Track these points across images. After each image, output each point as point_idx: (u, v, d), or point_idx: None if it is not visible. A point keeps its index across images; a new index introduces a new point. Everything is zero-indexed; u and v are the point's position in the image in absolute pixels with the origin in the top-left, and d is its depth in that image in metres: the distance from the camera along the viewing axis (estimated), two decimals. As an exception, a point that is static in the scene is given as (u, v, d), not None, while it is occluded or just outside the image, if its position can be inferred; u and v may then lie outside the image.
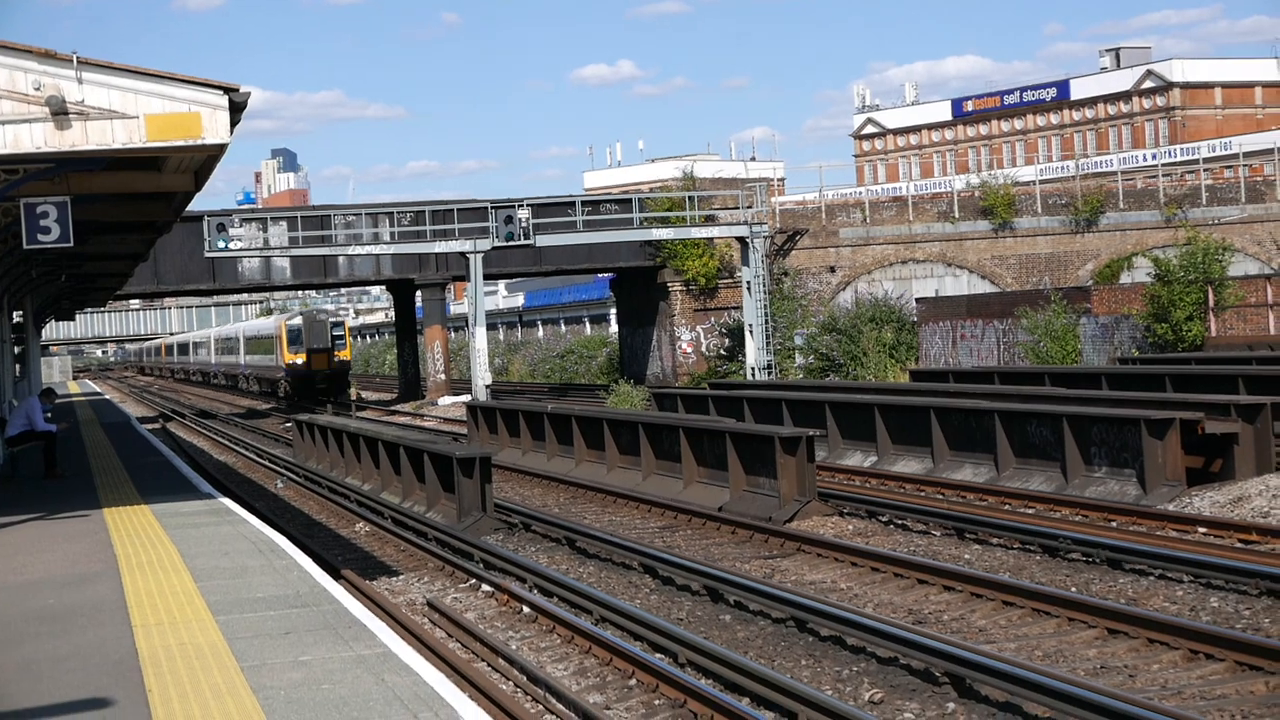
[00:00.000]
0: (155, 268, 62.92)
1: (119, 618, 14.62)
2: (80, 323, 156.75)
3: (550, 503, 32.05)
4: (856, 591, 19.94)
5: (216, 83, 17.83)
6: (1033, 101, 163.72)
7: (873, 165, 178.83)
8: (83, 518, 22.93)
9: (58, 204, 19.49)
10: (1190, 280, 47.92)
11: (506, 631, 18.55)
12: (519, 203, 58.79)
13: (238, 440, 56.26)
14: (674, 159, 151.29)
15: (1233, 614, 17.15)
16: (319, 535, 28.80)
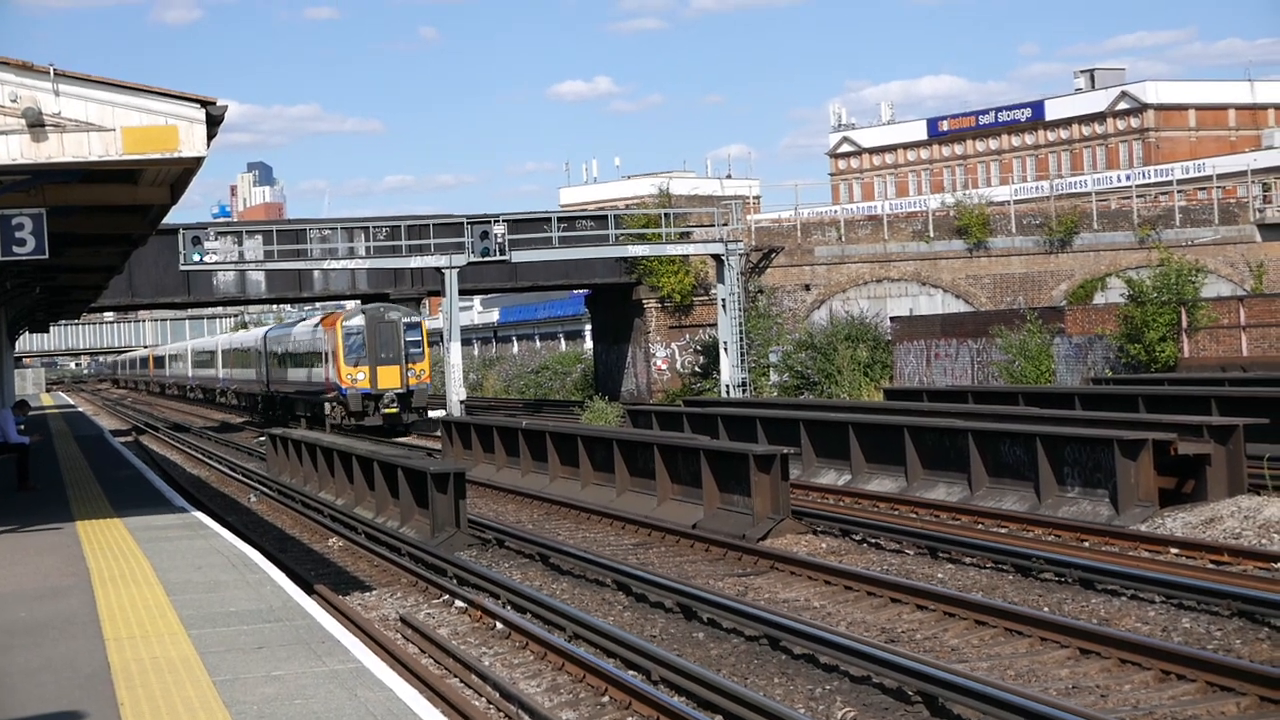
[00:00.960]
0: (130, 280, 62.71)
1: (91, 631, 14.58)
2: (54, 335, 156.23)
3: (524, 519, 32.03)
4: (830, 610, 19.95)
5: (193, 96, 17.81)
6: (1008, 122, 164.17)
7: (848, 184, 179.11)
8: (55, 531, 22.85)
9: (33, 216, 19.42)
10: (1163, 301, 48.06)
11: (480, 648, 18.53)
12: (495, 218, 58.80)
13: (211, 454, 56.12)
14: (650, 176, 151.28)
15: (1204, 635, 17.21)
16: (292, 550, 28.74)
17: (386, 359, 60.78)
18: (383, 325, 61.20)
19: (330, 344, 62.40)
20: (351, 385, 60.55)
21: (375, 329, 60.94)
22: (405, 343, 61.17)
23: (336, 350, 61.31)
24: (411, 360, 61.22)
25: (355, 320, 61.59)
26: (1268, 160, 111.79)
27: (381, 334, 60.96)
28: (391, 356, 60.83)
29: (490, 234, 57.61)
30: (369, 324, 61.00)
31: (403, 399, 60.79)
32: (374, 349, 60.80)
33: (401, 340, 61.07)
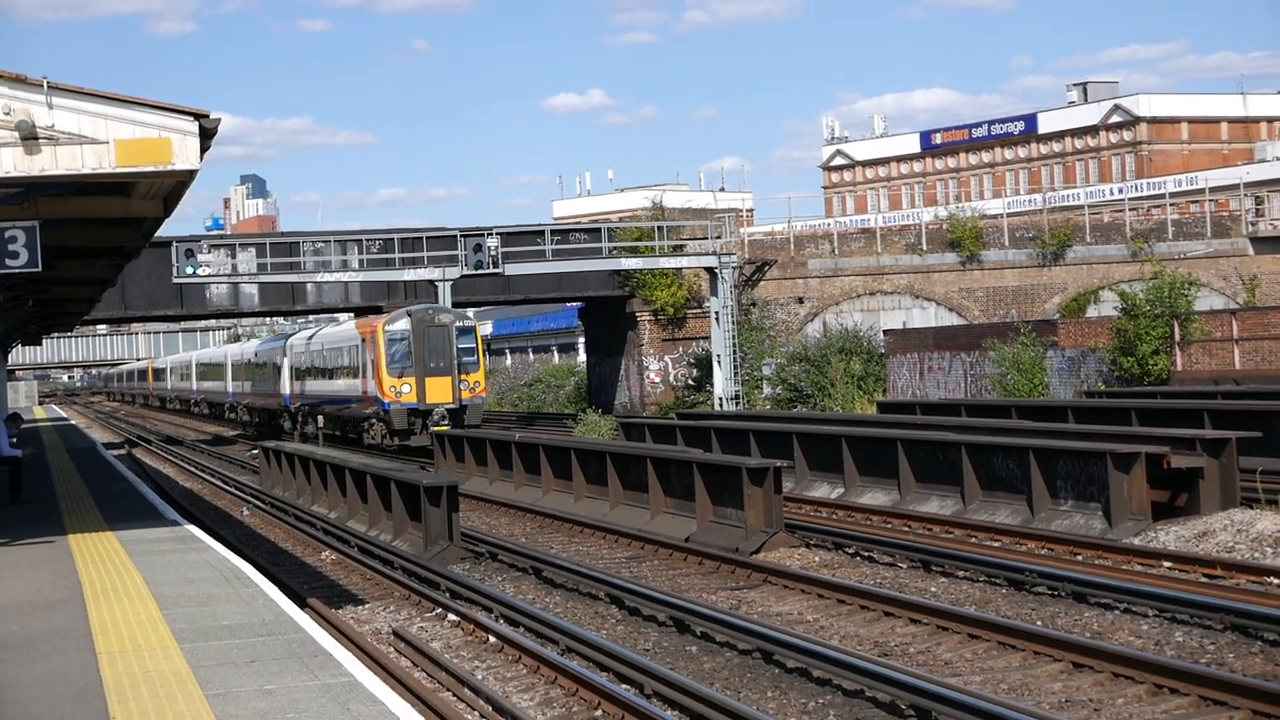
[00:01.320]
0: (123, 293, 62.72)
1: (83, 645, 14.55)
2: (47, 347, 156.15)
3: (517, 532, 32.01)
4: (823, 623, 19.95)
5: (187, 109, 17.82)
6: (1001, 135, 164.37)
7: (841, 197, 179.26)
8: (48, 544, 22.81)
9: (26, 228, 19.42)
10: (1156, 314, 48.14)
11: (472, 661, 18.51)
12: (488, 231, 58.91)
13: (204, 467, 56.06)
14: (643, 189, 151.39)
15: (1198, 648, 17.21)
16: (285, 563, 28.70)
17: (436, 369, 52.98)
18: (432, 330, 53.18)
19: (369, 352, 55.08)
20: (395, 400, 52.65)
21: (423, 334, 53.14)
22: (458, 350, 53.50)
23: (378, 359, 53.68)
24: (465, 370, 53.43)
25: (400, 324, 53.48)
26: (1260, 173, 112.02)
27: (430, 339, 53.18)
28: (442, 366, 52.99)
29: (484, 247, 57.73)
30: (416, 328, 53.05)
31: (455, 415, 52.91)
32: (422, 357, 52.97)
33: (453, 347, 53.30)
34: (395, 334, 53.40)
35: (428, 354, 52.92)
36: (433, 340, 53.11)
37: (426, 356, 52.84)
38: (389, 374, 52.98)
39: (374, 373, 53.95)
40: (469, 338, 54.16)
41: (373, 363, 54.26)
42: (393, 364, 53.10)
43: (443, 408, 52.47)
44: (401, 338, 53.34)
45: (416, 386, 52.65)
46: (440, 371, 52.73)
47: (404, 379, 52.89)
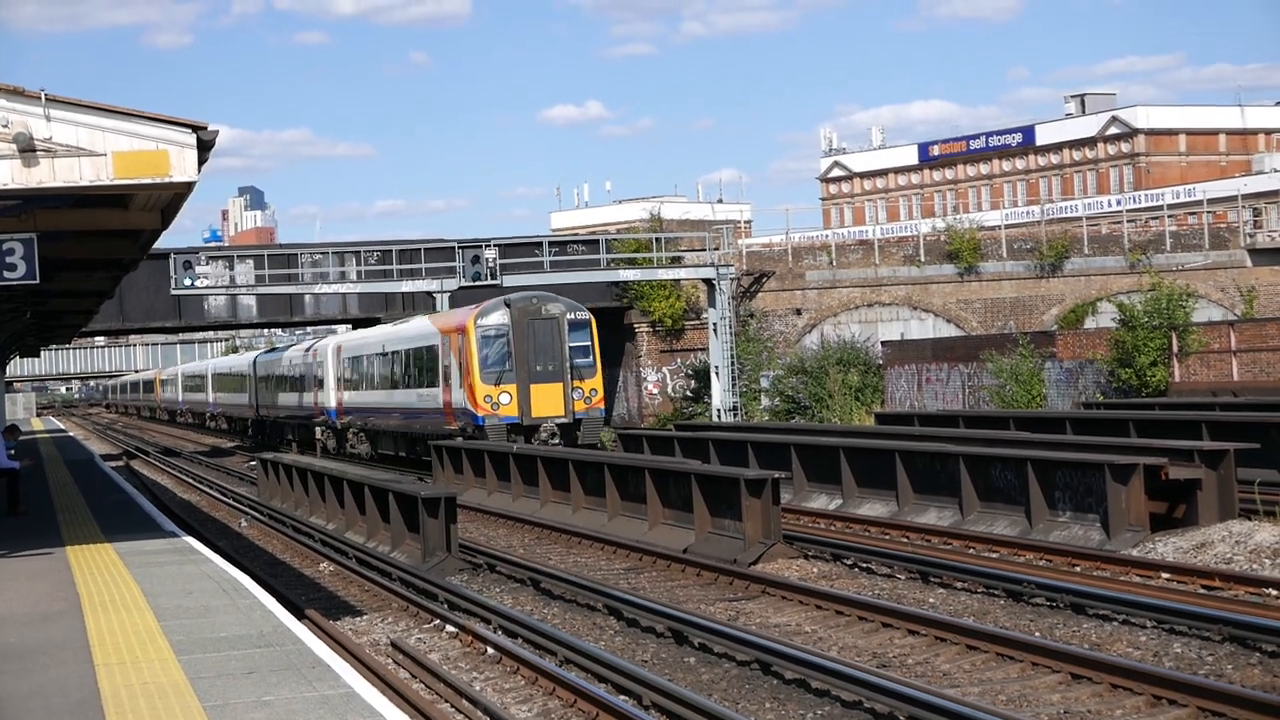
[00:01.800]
0: (121, 305, 62.70)
1: (81, 656, 14.54)
2: (45, 359, 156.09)
3: (515, 543, 32.00)
4: (821, 635, 19.94)
5: (184, 121, 17.83)
6: (998, 146, 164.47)
7: (839, 208, 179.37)
8: (45, 556, 22.80)
9: (24, 241, 19.43)
10: (1154, 326, 48.16)
11: (471, 672, 18.51)
12: (486, 243, 58.89)
13: (202, 478, 56.04)
14: (641, 200, 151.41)
15: (1196, 660, 17.20)
16: (283, 575, 28.70)
17: (545, 373, 43.93)
18: (537, 324, 44.29)
19: (453, 354, 46.16)
20: (490, 412, 43.48)
21: (526, 329, 44.18)
22: (570, 349, 44.49)
23: (467, 362, 44.47)
24: (579, 375, 44.28)
25: (496, 317, 44.71)
26: (1258, 185, 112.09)
27: (536, 336, 44.17)
28: (552, 369, 44.05)
29: (481, 258, 57.70)
30: (517, 322, 44.22)
31: (567, 432, 44.28)
32: (525, 359, 43.89)
33: (565, 345, 44.29)
34: (491, 330, 44.49)
35: (533, 355, 44.01)
36: (539, 337, 44.20)
37: (532, 358, 43.99)
38: (483, 380, 43.93)
39: (461, 379, 44.91)
40: (583, 333, 45.08)
41: (459, 367, 45.16)
42: (488, 368, 44.04)
43: (552, 422, 44.03)
44: (498, 334, 44.42)
45: (519, 396, 43.78)
46: (549, 376, 43.86)
47: (502, 386, 43.81)
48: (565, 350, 44.33)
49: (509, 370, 44.08)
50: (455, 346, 45.83)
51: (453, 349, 46.16)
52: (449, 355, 46.46)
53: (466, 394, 44.68)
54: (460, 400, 45.48)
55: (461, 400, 45.26)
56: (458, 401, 45.79)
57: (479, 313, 44.97)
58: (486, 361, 44.15)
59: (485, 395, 43.82)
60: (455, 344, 45.85)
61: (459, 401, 45.68)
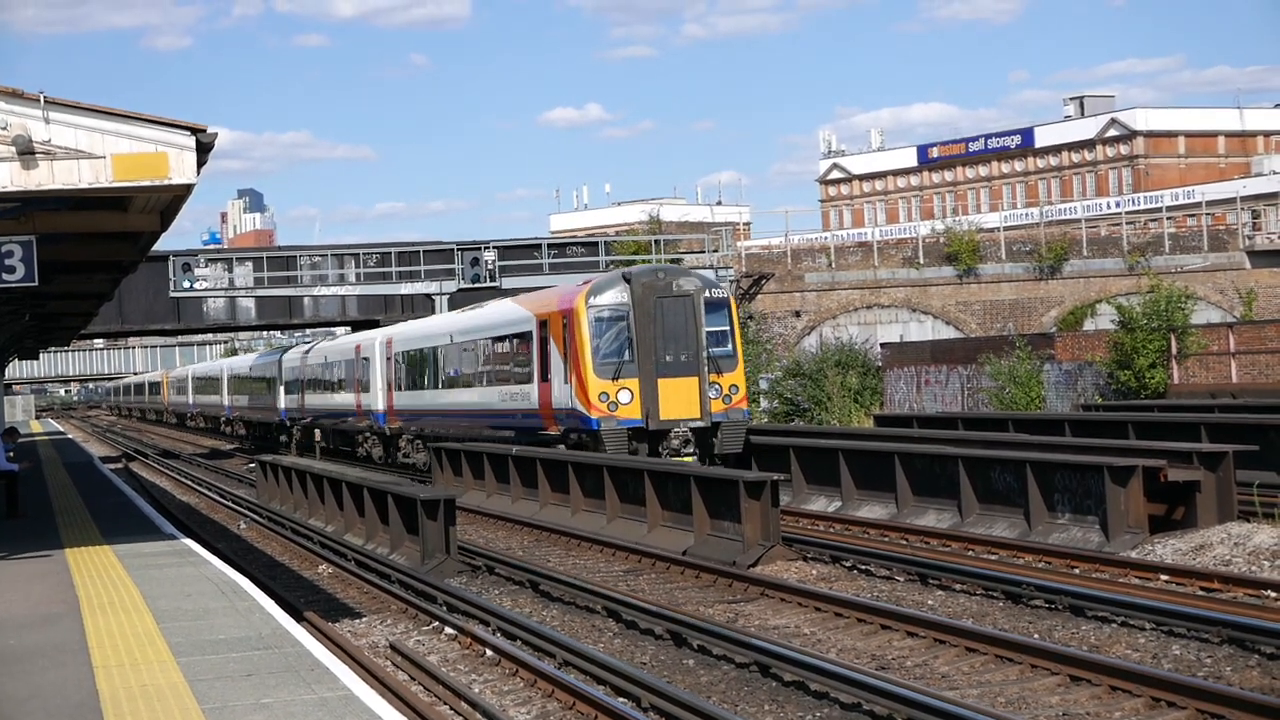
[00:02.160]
0: (120, 307, 62.73)
1: (80, 659, 14.54)
2: (44, 361, 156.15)
3: (514, 546, 31.99)
4: (820, 637, 19.94)
5: (183, 123, 17.84)
6: (998, 148, 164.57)
7: (838, 210, 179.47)
8: (45, 558, 22.81)
9: (23, 243, 19.43)
10: (1153, 328, 48.21)
11: (469, 675, 18.50)
12: (485, 245, 58.99)
13: (200, 480, 56.04)
14: (640, 202, 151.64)
15: (1195, 662, 17.20)
16: (282, 577, 28.69)
17: (675, 365, 35.39)
18: (667, 304, 35.60)
19: (555, 342, 37.58)
20: (606, 414, 35.18)
21: (653, 310, 35.43)
22: (707, 335, 35.79)
23: (576, 351, 36.00)
24: (718, 367, 35.66)
25: (612, 294, 36.15)
26: (1257, 187, 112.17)
27: (665, 318, 35.52)
28: (685, 360, 35.45)
29: (481, 260, 57.85)
30: (641, 301, 35.57)
31: (702, 437, 35.35)
32: (651, 347, 35.34)
33: (700, 330, 35.56)
34: (606, 311, 36.06)
35: (661, 342, 35.46)
36: (669, 319, 35.56)
37: (660, 346, 35.45)
38: (597, 374, 35.45)
39: (567, 373, 36.58)
40: (722, 315, 36.55)
41: (564, 358, 36.87)
42: (603, 359, 35.66)
43: (686, 427, 35.17)
44: (616, 316, 35.99)
45: (642, 394, 35.32)
46: (680, 369, 35.41)
47: (621, 381, 35.38)
48: (701, 336, 35.46)
49: (629, 361, 35.40)
50: (557, 333, 37.38)
51: (554, 336, 37.58)
52: (548, 344, 37.89)
53: (574, 391, 36.05)
54: (564, 399, 36.93)
55: (566, 399, 36.74)
56: (560, 400, 37.22)
57: (590, 290, 36.40)
58: (601, 351, 35.57)
59: (600, 393, 35.12)
60: (557, 330, 37.41)
61: (562, 400, 37.06)
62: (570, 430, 36.80)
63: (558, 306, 37.69)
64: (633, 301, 35.66)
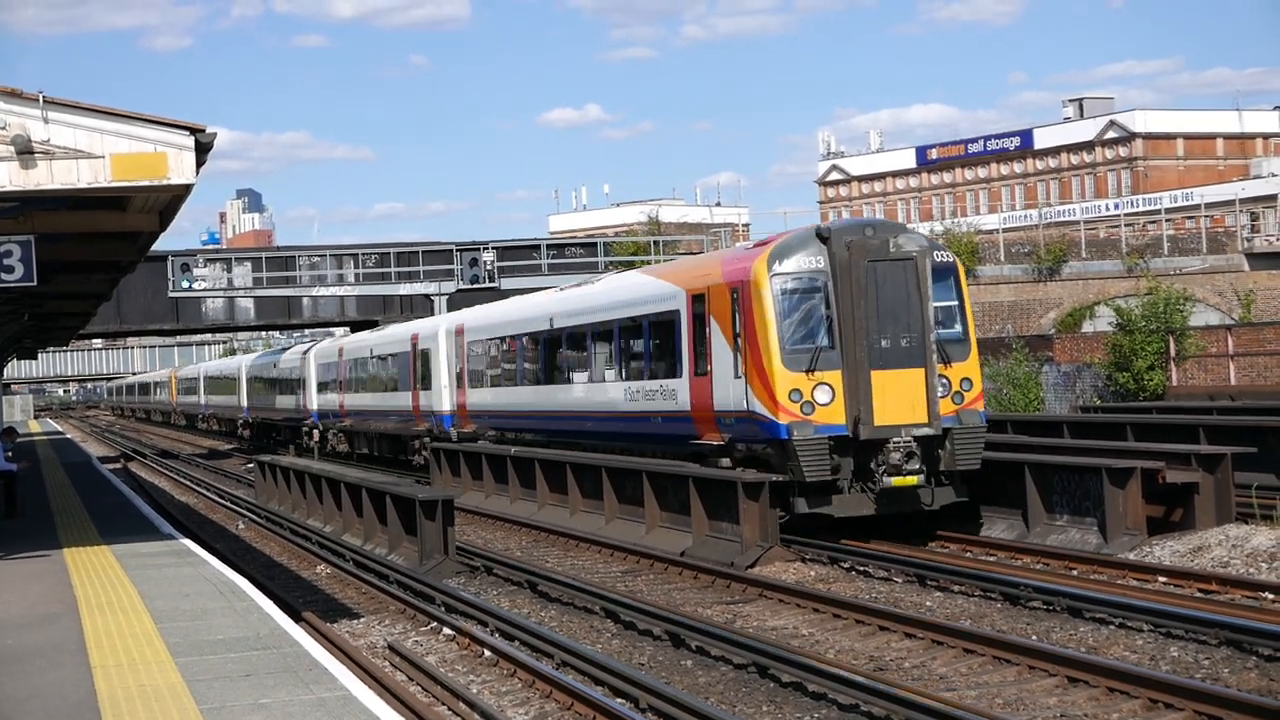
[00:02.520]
0: (118, 307, 62.75)
1: (78, 659, 14.54)
2: (42, 361, 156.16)
3: (513, 546, 32.00)
4: (818, 638, 19.94)
5: (182, 123, 17.84)
6: (996, 150, 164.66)
7: (837, 211, 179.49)
8: (43, 558, 22.81)
9: (21, 243, 19.43)
10: (1152, 330, 48.23)
11: (468, 675, 18.50)
12: (484, 245, 59.00)
13: (199, 481, 56.03)
14: (639, 203, 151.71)
15: (1192, 663, 17.21)
16: (280, 577, 28.69)
17: (895, 352, 27.02)
18: (881, 270, 27.15)
19: (721, 322, 28.84)
20: (799, 417, 26.70)
21: (865, 278, 26.98)
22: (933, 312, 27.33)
23: (755, 334, 27.47)
24: (946, 357, 27.39)
25: (805, 258, 27.48)
26: (1255, 189, 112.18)
27: (880, 290, 27.07)
28: (907, 345, 27.06)
29: (479, 261, 57.85)
30: (845, 267, 27.08)
31: (929, 449, 27.05)
32: (859, 328, 26.83)
33: (926, 304, 27.13)
34: (797, 280, 27.32)
35: (875, 321, 26.86)
36: (885, 290, 27.06)
37: (872, 326, 26.80)
38: (786, 364, 26.80)
39: (738, 364, 27.88)
40: (948, 287, 28.19)
41: (733, 344, 28.19)
42: (794, 345, 26.95)
43: (909, 435, 26.74)
44: (810, 287, 27.30)
45: (846, 391, 26.62)
46: (901, 358, 26.94)
47: (818, 375, 26.71)
48: (928, 312, 27.00)
49: (828, 348, 26.85)
50: (721, 311, 28.72)
51: (715, 316, 28.95)
52: (706, 326, 29.32)
53: (753, 386, 27.34)
54: (733, 398, 28.15)
55: (736, 398, 28.01)
56: (727, 400, 28.46)
57: (773, 253, 27.54)
58: (791, 334, 26.98)
59: (791, 389, 26.52)
60: (721, 306, 28.75)
61: (730, 400, 28.29)
62: (741, 439, 28.29)
63: (724, 277, 29.00)
64: (833, 267, 27.11)
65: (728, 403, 28.61)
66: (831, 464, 26.58)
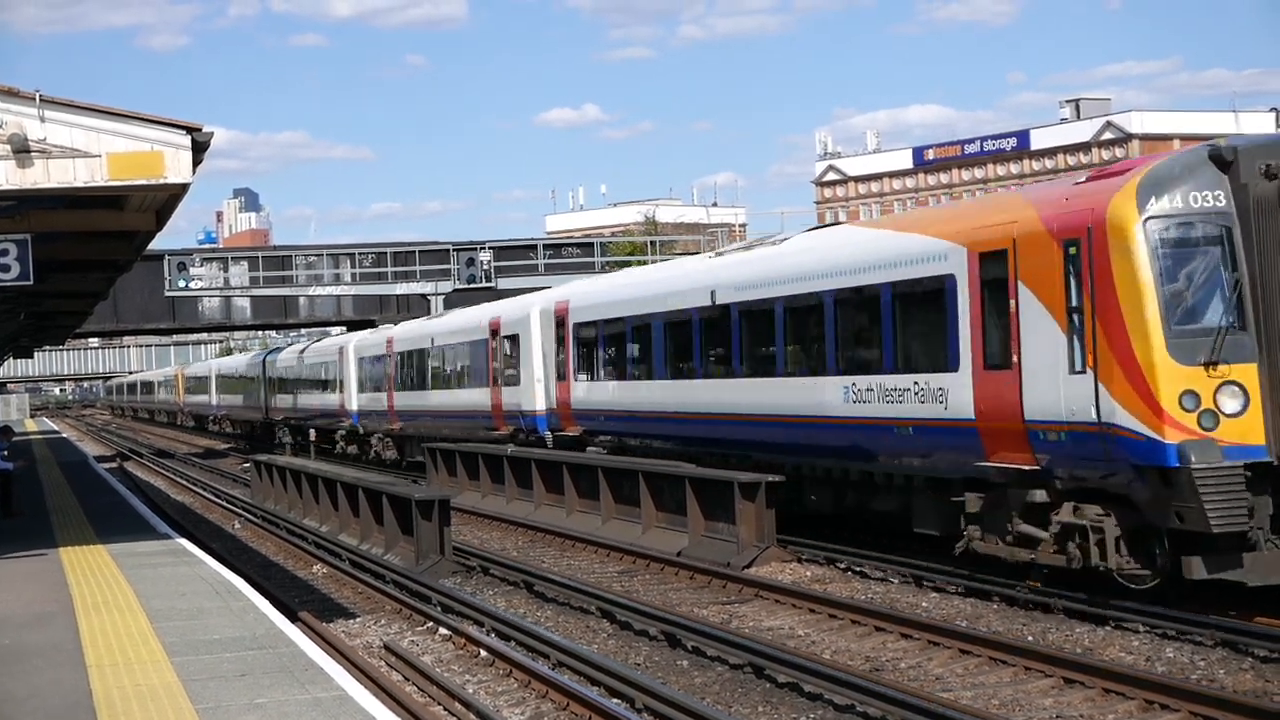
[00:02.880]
0: (115, 306, 62.76)
1: (74, 658, 14.54)
2: (39, 360, 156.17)
3: (509, 546, 31.99)
4: (814, 638, 19.94)
5: (179, 122, 17.84)
6: (993, 151, 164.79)
7: (834, 212, 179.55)
8: (39, 557, 22.81)
9: (18, 242, 19.43)
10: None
11: (464, 675, 18.50)
12: (481, 245, 59.01)
13: (195, 480, 56.01)
14: (637, 203, 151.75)
15: (1188, 665, 17.21)
16: (276, 577, 28.67)
17: None
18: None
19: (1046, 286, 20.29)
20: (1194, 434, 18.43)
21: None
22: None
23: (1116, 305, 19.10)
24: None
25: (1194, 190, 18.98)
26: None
27: None
28: None
29: (476, 260, 57.86)
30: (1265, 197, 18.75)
31: None
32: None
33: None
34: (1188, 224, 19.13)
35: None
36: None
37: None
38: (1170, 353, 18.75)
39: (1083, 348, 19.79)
40: None
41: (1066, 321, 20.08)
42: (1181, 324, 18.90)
43: None
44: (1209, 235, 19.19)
45: (1266, 392, 18.76)
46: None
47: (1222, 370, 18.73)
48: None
49: (1236, 329, 18.83)
50: (1039, 272, 20.56)
51: (1027, 280, 20.76)
52: (1013, 294, 20.97)
53: (1111, 386, 19.26)
54: (1068, 402, 19.97)
55: (1076, 402, 19.80)
56: (1058, 405, 20.18)
57: (1144, 183, 19.31)
58: (1178, 307, 18.95)
59: (1182, 391, 18.64)
60: (1039, 266, 20.56)
61: (1064, 405, 20.05)
62: (1072, 463, 20.11)
63: (1044, 222, 20.65)
64: (1241, 205, 19.03)
65: (1053, 409, 20.21)
66: (1247, 505, 18.29)
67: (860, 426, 24.96)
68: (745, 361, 29.35)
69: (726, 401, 29.80)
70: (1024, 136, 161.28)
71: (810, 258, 27.53)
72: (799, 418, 26.94)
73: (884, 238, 25.76)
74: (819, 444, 26.52)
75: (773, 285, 28.25)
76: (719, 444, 30.38)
